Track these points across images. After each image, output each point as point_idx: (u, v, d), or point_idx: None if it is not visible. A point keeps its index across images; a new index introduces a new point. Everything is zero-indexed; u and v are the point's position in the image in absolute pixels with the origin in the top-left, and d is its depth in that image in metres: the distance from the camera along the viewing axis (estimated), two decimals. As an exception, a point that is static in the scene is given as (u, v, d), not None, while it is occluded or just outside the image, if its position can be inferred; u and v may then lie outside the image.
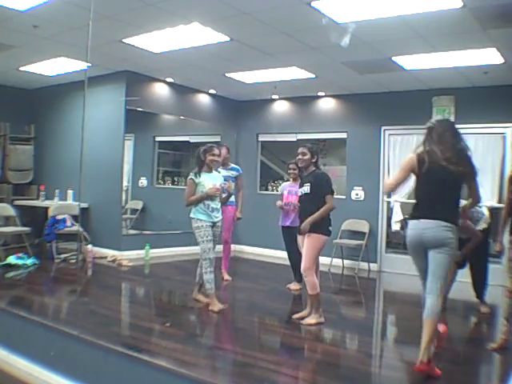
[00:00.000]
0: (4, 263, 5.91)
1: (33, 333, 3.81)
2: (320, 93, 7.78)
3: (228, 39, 5.23)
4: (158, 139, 9.10)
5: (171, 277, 6.16)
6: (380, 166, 7.27)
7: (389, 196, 7.05)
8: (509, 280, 3.58)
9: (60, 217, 6.80)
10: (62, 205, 7.04)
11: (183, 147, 9.60)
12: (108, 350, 3.27)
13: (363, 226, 7.22)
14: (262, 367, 3.18)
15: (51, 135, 7.99)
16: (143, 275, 6.40)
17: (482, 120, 6.41)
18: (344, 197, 7.45)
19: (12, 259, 5.97)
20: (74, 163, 6.33)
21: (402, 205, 7.14)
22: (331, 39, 4.43)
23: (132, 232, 8.04)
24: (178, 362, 3.05)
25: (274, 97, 8.32)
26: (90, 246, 6.58)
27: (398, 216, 7.11)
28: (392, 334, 4.50)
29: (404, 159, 3.33)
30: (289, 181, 5.69)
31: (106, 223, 7.10)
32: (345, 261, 7.27)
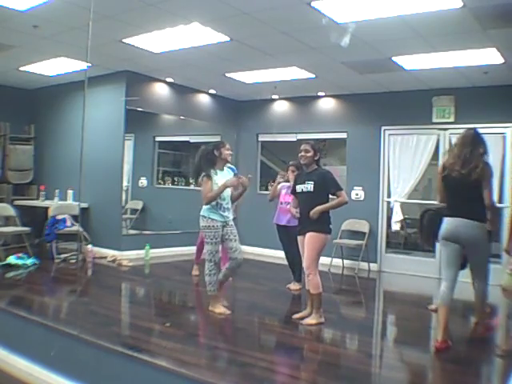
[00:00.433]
0: (4, 263, 5.91)
1: (33, 333, 3.81)
2: (320, 93, 7.78)
3: (228, 39, 5.23)
4: (158, 139, 9.10)
5: (171, 277, 6.16)
6: (380, 166, 7.27)
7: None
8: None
9: (60, 217, 6.80)
10: (62, 205, 7.04)
11: (183, 147, 9.60)
12: (108, 350, 3.27)
13: (363, 226, 7.22)
14: (262, 367, 3.18)
15: (51, 135, 7.99)
16: (143, 275, 6.40)
17: (482, 120, 6.39)
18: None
19: (12, 259, 5.97)
20: (74, 163, 6.33)
21: (402, 205, 7.15)
22: (331, 39, 4.43)
23: (132, 232, 8.03)
24: (178, 362, 3.05)
25: (274, 97, 8.32)
26: (90, 246, 6.58)
27: (398, 216, 7.11)
28: (392, 334, 4.50)
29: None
30: (288, 181, 5.66)
31: (106, 223, 7.10)
32: (345, 261, 7.27)
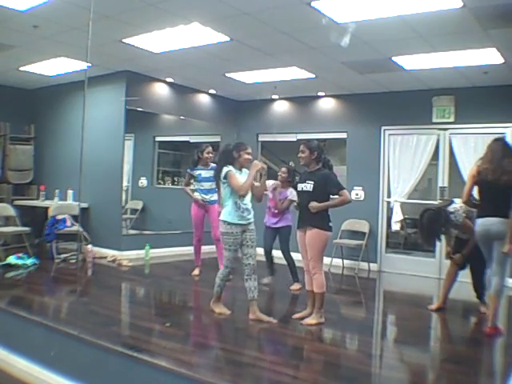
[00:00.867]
0: (4, 263, 5.91)
1: (33, 333, 3.81)
2: (320, 93, 7.78)
3: (228, 39, 5.23)
4: (158, 139, 9.11)
5: (171, 277, 6.16)
6: (380, 166, 7.27)
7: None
8: None
9: (60, 217, 6.80)
10: (62, 205, 7.03)
11: (183, 147, 9.60)
12: (108, 350, 3.27)
13: (363, 226, 7.22)
14: (262, 367, 3.19)
15: (51, 135, 7.99)
16: (143, 275, 6.40)
17: (482, 120, 6.41)
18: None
19: (12, 259, 5.97)
20: (74, 163, 6.33)
21: (402, 205, 7.15)
22: (331, 39, 4.43)
23: (132, 232, 8.04)
24: (178, 362, 3.05)
25: (274, 97, 8.32)
26: (90, 246, 6.58)
27: (398, 216, 7.11)
28: (392, 334, 4.50)
29: (469, 171, 4.27)
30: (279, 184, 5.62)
31: (106, 223, 7.10)
32: (345, 261, 7.27)
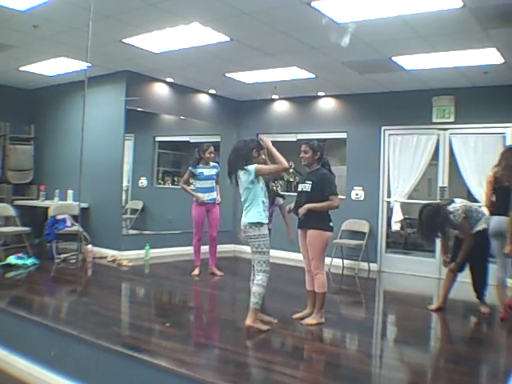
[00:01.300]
0: (4, 263, 5.91)
1: (33, 333, 3.81)
2: (320, 93, 7.78)
3: (228, 39, 5.23)
4: (158, 139, 9.10)
5: (171, 277, 6.16)
6: (380, 166, 7.27)
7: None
8: None
9: (60, 217, 6.80)
10: (62, 205, 7.03)
11: (183, 147, 9.60)
12: (108, 350, 3.27)
13: (363, 226, 7.22)
14: (262, 367, 3.19)
15: (51, 135, 7.99)
16: (143, 275, 6.40)
17: (482, 120, 6.41)
18: (344, 197, 7.43)
19: (12, 259, 5.97)
20: (74, 163, 6.33)
21: (402, 205, 7.15)
22: (331, 39, 4.43)
23: (132, 232, 8.03)
24: (178, 362, 3.05)
25: (274, 97, 8.32)
26: (90, 246, 6.58)
27: (398, 216, 7.11)
28: (392, 334, 4.50)
29: (486, 177, 4.69)
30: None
31: (106, 223, 7.09)
32: (345, 261, 7.27)
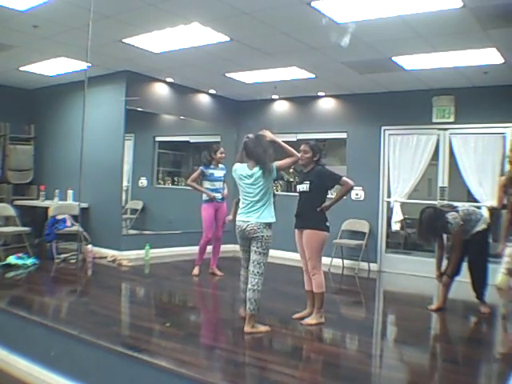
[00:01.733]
0: (4, 263, 5.91)
1: (33, 333, 3.81)
2: (320, 93, 7.78)
3: (228, 39, 5.23)
4: (158, 139, 9.10)
5: (171, 277, 6.16)
6: (380, 166, 7.27)
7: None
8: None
9: (60, 217, 6.80)
10: (62, 205, 7.03)
11: (183, 147, 9.60)
12: (108, 350, 3.27)
13: (363, 226, 7.22)
14: (262, 367, 3.19)
15: (51, 135, 7.99)
16: (143, 275, 6.40)
17: (482, 120, 6.41)
18: (344, 197, 7.43)
19: (12, 259, 5.96)
20: (74, 163, 6.34)
21: (402, 205, 7.15)
22: (331, 39, 4.43)
23: (132, 232, 8.03)
24: (178, 362, 3.05)
25: (274, 97, 8.32)
26: (90, 246, 6.58)
27: (398, 216, 7.11)
28: (392, 334, 4.50)
29: (498, 182, 4.98)
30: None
31: (106, 223, 7.09)
32: (345, 261, 7.27)
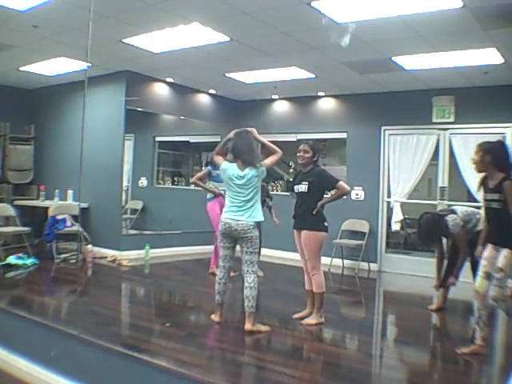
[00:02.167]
0: (4, 263, 5.91)
1: (33, 333, 3.81)
2: (320, 93, 7.78)
3: (228, 39, 5.23)
4: (158, 139, 9.10)
5: (171, 277, 6.16)
6: (380, 166, 7.27)
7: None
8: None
9: (60, 217, 6.80)
10: (62, 205, 7.04)
11: (183, 147, 9.60)
12: (108, 350, 3.27)
13: (363, 226, 7.22)
14: (262, 367, 3.19)
15: (51, 135, 7.99)
16: (143, 275, 6.40)
17: (482, 120, 6.41)
18: (344, 197, 7.42)
19: (12, 259, 5.97)
20: (74, 163, 6.32)
21: (402, 205, 7.15)
22: (331, 39, 4.43)
23: (132, 232, 8.04)
24: (178, 362, 3.05)
25: (274, 97, 8.32)
26: (90, 246, 6.58)
27: (398, 216, 7.11)
28: (392, 334, 4.50)
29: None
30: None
31: (106, 223, 7.09)
32: (345, 261, 7.27)
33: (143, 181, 9.02)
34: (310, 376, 3.18)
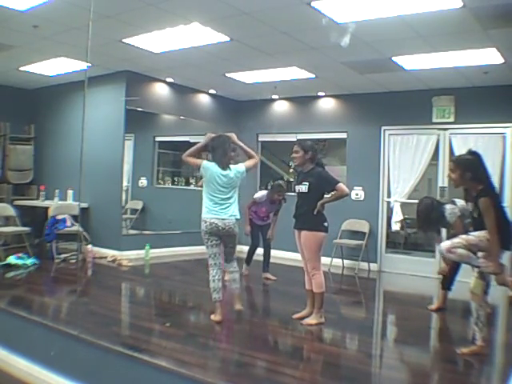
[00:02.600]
0: (4, 263, 5.92)
1: (33, 333, 3.81)
2: (320, 93, 7.78)
3: (228, 39, 5.23)
4: (158, 139, 9.09)
5: (171, 277, 6.16)
6: (380, 166, 7.27)
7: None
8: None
9: (60, 217, 6.80)
10: (62, 205, 7.04)
11: (183, 147, 9.56)
12: (108, 350, 3.27)
13: (363, 226, 7.22)
14: (262, 367, 3.19)
15: (51, 135, 7.99)
16: (143, 275, 6.40)
17: (482, 120, 6.41)
18: (343, 198, 7.42)
19: (12, 259, 5.97)
20: (74, 163, 6.33)
21: (402, 205, 7.15)
22: (331, 39, 4.43)
23: (132, 232, 8.03)
24: (178, 362, 3.05)
25: (274, 97, 8.32)
26: (90, 246, 6.58)
27: (398, 216, 7.11)
28: (392, 334, 4.50)
29: None
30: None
31: (106, 223, 7.10)
32: (345, 261, 7.27)
33: (143, 181, 9.02)
34: (310, 376, 3.18)
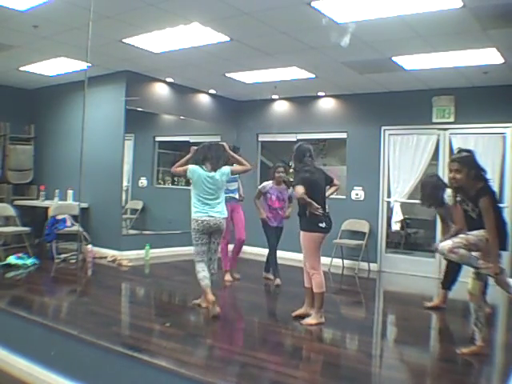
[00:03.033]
0: (4, 263, 5.92)
1: (33, 333, 3.81)
2: (320, 93, 7.78)
3: (228, 39, 5.23)
4: (158, 139, 9.10)
5: (171, 277, 6.16)
6: (380, 166, 7.27)
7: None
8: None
9: (60, 217, 6.80)
10: (62, 205, 7.04)
11: (183, 147, 9.58)
12: (108, 350, 3.27)
13: (363, 226, 7.22)
14: (262, 367, 3.19)
15: (51, 135, 7.99)
16: (143, 275, 6.40)
17: (482, 120, 6.41)
18: (344, 197, 7.45)
19: (12, 259, 5.97)
20: (74, 163, 6.33)
21: (402, 205, 7.15)
22: (331, 39, 4.44)
23: (132, 232, 8.03)
24: (178, 362, 3.06)
25: (274, 97, 8.32)
26: (90, 246, 6.58)
27: (398, 216, 7.11)
28: (392, 334, 4.50)
29: None
30: (275, 182, 5.85)
31: (106, 223, 7.09)
32: (345, 261, 7.27)
33: (143, 181, 9.02)
34: (310, 376, 3.18)
